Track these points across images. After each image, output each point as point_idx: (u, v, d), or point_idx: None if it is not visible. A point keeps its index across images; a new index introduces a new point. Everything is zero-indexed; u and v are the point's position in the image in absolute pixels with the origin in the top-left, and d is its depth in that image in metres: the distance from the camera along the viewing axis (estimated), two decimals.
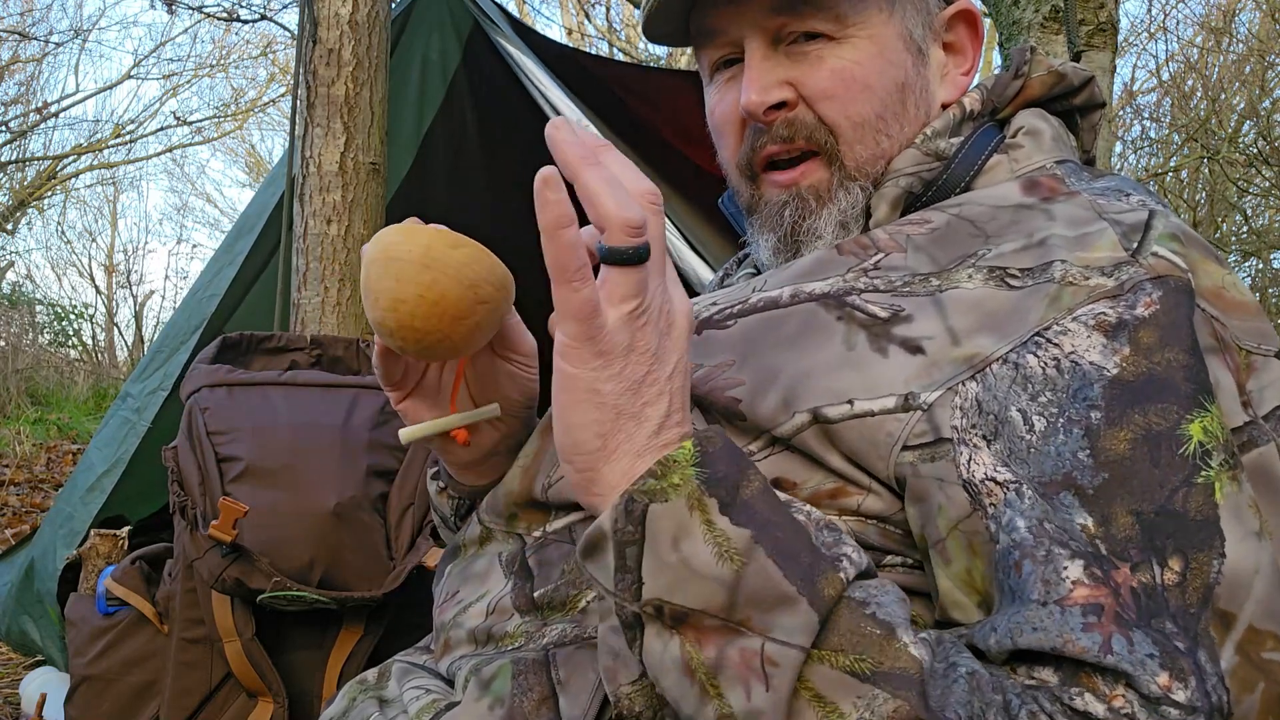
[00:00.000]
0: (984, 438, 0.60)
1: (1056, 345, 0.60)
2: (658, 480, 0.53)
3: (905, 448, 0.62)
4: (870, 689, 0.51)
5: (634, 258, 0.52)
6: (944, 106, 0.80)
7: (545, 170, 0.52)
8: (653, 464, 0.53)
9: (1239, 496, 0.56)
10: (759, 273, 0.86)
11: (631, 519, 0.53)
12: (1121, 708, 0.51)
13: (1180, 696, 0.50)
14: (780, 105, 0.76)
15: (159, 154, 12.83)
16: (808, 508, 0.57)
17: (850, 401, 0.63)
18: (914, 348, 0.64)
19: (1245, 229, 8.04)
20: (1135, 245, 0.64)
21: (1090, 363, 0.59)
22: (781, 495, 0.57)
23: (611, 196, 0.52)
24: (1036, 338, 0.61)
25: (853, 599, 0.53)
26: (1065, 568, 0.54)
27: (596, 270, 0.54)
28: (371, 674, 0.81)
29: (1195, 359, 0.59)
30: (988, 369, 0.61)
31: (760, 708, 0.51)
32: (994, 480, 0.58)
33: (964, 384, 0.61)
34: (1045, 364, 0.60)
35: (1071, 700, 0.52)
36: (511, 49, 2.39)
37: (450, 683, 0.74)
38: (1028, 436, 0.59)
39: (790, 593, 0.52)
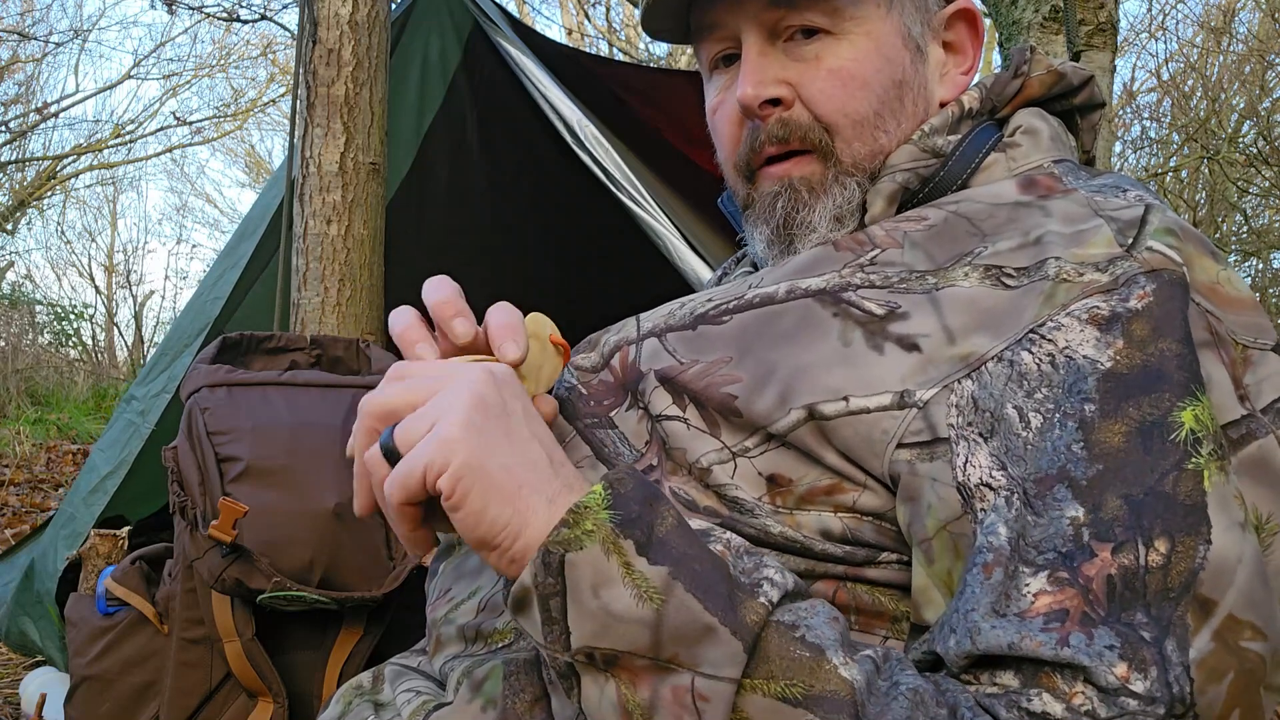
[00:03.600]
0: (981, 435, 0.60)
1: (1050, 341, 0.60)
2: (571, 529, 0.53)
3: (900, 445, 0.62)
4: (803, 714, 0.51)
5: (388, 440, 0.59)
6: (942, 105, 0.80)
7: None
8: (564, 513, 0.54)
9: (1226, 487, 0.56)
10: (756, 270, 0.86)
11: (550, 571, 0.53)
12: (1081, 705, 0.50)
13: (1139, 687, 0.50)
14: (776, 102, 0.77)
15: (159, 154, 12.84)
16: (727, 535, 0.57)
17: (846, 398, 0.63)
18: (910, 345, 0.64)
19: (1245, 229, 8.05)
20: (1131, 240, 0.64)
21: (1084, 356, 0.59)
22: (697, 524, 0.57)
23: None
24: (1031, 335, 0.61)
25: (781, 623, 0.53)
26: (1027, 584, 0.54)
27: None
28: (366, 678, 0.81)
29: (1188, 349, 0.59)
30: (983, 367, 0.61)
31: None
32: (988, 486, 0.58)
33: (960, 382, 0.61)
34: (1040, 360, 0.60)
35: (1030, 702, 0.51)
36: (511, 49, 2.39)
37: (442, 684, 0.74)
38: (1024, 434, 0.59)
39: (712, 623, 0.52)
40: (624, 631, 0.52)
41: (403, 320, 0.68)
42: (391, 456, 0.58)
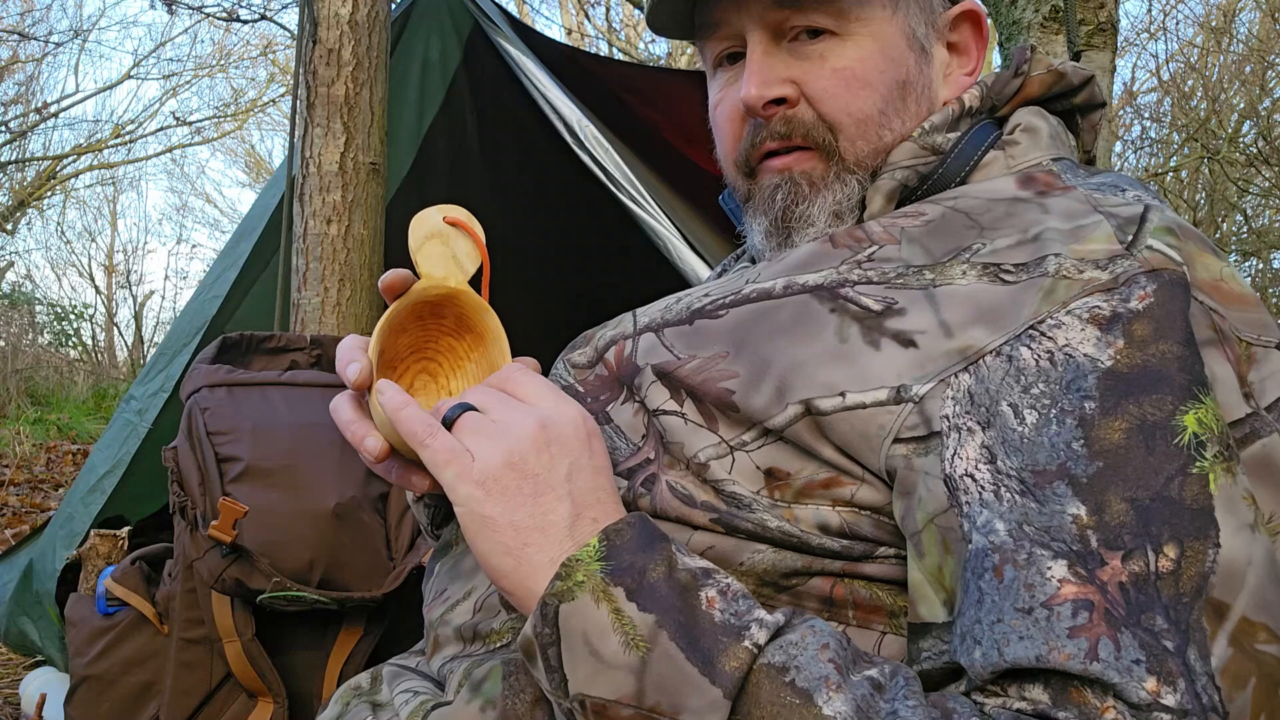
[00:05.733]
0: (978, 423, 0.60)
1: (1050, 338, 0.60)
2: (563, 581, 0.56)
3: (897, 440, 0.62)
4: None
5: (450, 418, 0.62)
6: (945, 105, 0.80)
7: (380, 387, 0.64)
8: (558, 567, 0.56)
9: (1233, 489, 0.55)
10: (754, 265, 0.86)
11: (547, 622, 0.56)
12: None
13: (1170, 701, 0.50)
14: (780, 101, 0.77)
15: (159, 154, 12.85)
16: (726, 580, 0.58)
17: (842, 394, 0.63)
18: (906, 341, 0.64)
19: (1245, 229, 8.05)
20: (1130, 238, 0.63)
21: (1084, 355, 0.59)
22: (698, 564, 0.58)
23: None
24: (1030, 331, 0.61)
25: (772, 665, 0.54)
26: (1049, 568, 0.54)
27: None
28: (364, 679, 0.81)
29: (1190, 351, 0.58)
30: (980, 361, 0.61)
31: None
32: (971, 477, 0.58)
33: (956, 376, 0.61)
34: (1039, 356, 0.60)
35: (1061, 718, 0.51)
36: (511, 49, 2.39)
37: (440, 684, 0.74)
38: (1019, 429, 0.59)
39: (693, 674, 0.53)
40: (611, 678, 0.55)
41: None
42: (446, 424, 0.62)
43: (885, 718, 0.52)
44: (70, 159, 11.37)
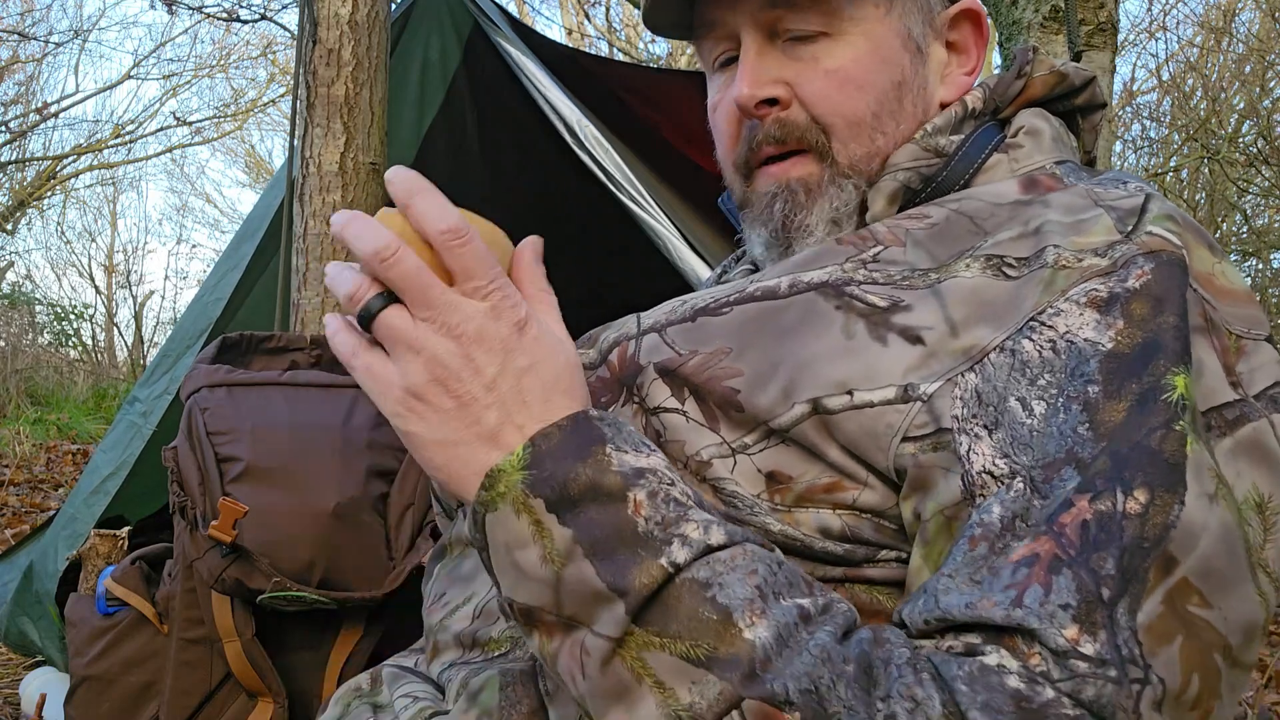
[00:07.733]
0: (985, 427, 0.60)
1: (1051, 327, 0.60)
2: (488, 491, 0.55)
3: (905, 439, 0.61)
4: (704, 673, 0.52)
5: (364, 316, 0.56)
6: (943, 105, 0.80)
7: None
8: (483, 477, 0.56)
9: (1202, 457, 0.56)
10: (756, 269, 0.86)
11: (477, 528, 0.56)
12: (1037, 666, 0.50)
13: (1088, 649, 0.50)
14: (773, 102, 0.77)
15: (159, 154, 12.87)
16: (661, 480, 0.56)
17: (850, 392, 0.63)
18: (913, 337, 0.64)
19: (1245, 229, 8.05)
20: (1130, 227, 0.64)
21: (1085, 339, 0.59)
22: (637, 462, 0.56)
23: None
24: (1031, 322, 0.61)
25: (695, 580, 0.53)
26: (1014, 547, 0.54)
27: None
28: (364, 680, 0.81)
29: (1184, 323, 0.59)
30: (985, 359, 0.61)
31: (583, 692, 0.55)
32: (990, 474, 0.58)
33: (963, 375, 0.61)
34: (1041, 347, 0.60)
35: (986, 656, 0.51)
36: (511, 49, 2.39)
37: (440, 689, 0.74)
38: (1029, 422, 0.59)
39: (602, 589, 0.53)
40: (531, 588, 0.55)
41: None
42: (362, 323, 0.57)
43: (808, 645, 0.52)
44: (70, 159, 11.37)
